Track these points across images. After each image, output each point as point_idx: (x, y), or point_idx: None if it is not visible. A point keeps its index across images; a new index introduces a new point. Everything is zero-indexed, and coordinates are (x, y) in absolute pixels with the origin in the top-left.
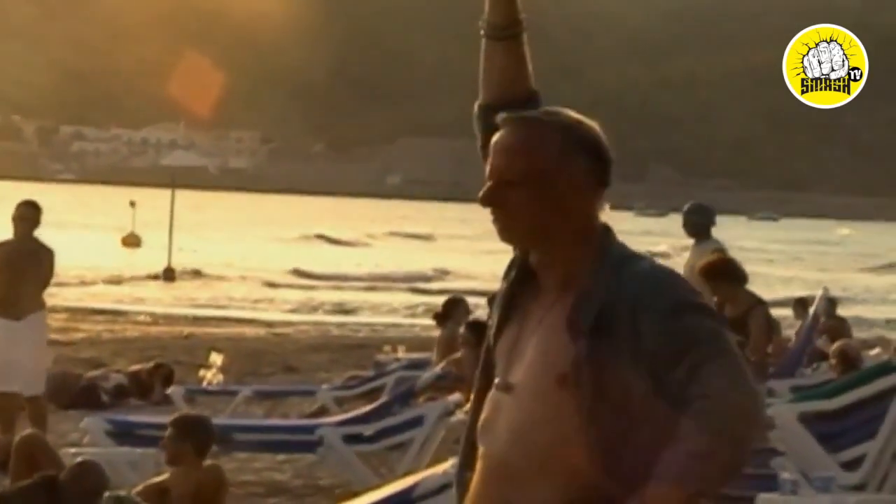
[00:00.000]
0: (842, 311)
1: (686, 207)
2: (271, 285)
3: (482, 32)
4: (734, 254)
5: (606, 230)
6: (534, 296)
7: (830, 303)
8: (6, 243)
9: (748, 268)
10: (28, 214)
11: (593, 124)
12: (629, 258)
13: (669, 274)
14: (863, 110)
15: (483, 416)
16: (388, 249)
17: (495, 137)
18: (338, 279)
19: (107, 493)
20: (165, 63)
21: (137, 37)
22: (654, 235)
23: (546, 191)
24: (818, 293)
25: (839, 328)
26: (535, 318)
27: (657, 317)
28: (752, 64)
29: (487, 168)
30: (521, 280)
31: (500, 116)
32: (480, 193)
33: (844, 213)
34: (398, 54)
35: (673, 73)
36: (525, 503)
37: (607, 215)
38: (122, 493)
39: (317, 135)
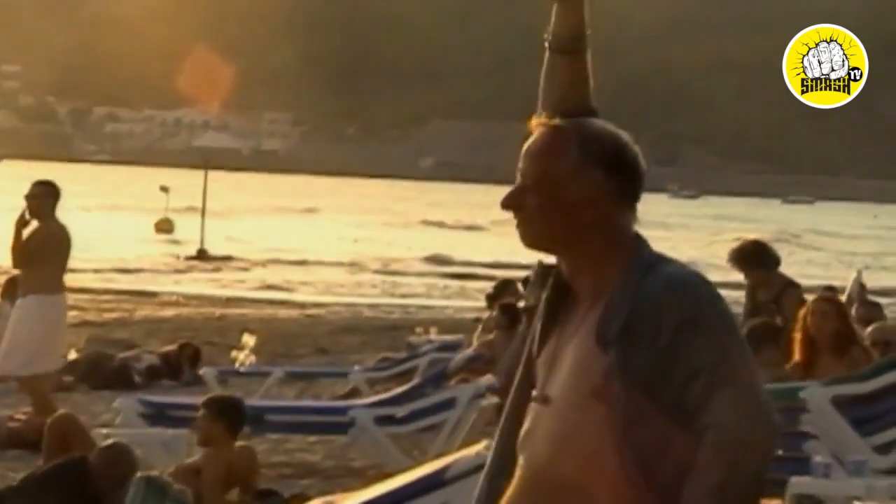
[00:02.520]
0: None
1: None
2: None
3: (546, 45)
4: (769, 237)
5: (638, 239)
6: (571, 306)
7: (862, 288)
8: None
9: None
10: (38, 192)
11: (622, 137)
12: (656, 262)
13: (692, 281)
14: None
15: (524, 427)
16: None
17: (527, 142)
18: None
19: (138, 474)
20: (198, 44)
21: (171, 17)
22: (689, 218)
23: (556, 198)
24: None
25: (872, 313)
26: (570, 329)
27: (673, 329)
28: (785, 48)
29: (517, 173)
30: (559, 290)
31: (537, 121)
32: (503, 198)
33: (878, 197)
34: (430, 36)
35: (706, 57)
36: None
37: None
38: (154, 473)
39: (349, 117)
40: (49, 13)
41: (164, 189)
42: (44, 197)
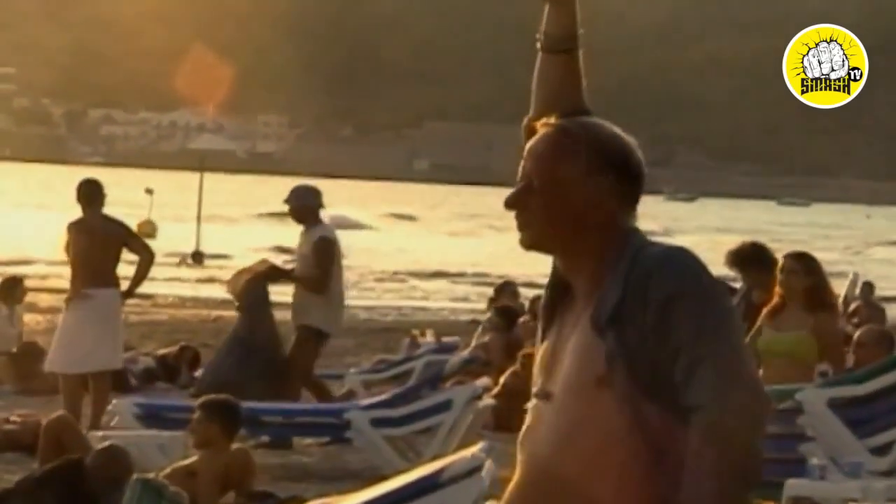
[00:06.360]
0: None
1: (290, 192)
2: None
3: (538, 45)
4: (764, 238)
5: (633, 231)
6: (570, 304)
7: (868, 288)
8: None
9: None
10: (81, 190)
11: (629, 140)
12: (644, 246)
13: (676, 257)
14: (891, 95)
15: (525, 425)
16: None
17: (531, 141)
18: None
19: (134, 476)
20: (194, 46)
21: (166, 20)
22: (682, 221)
23: (563, 201)
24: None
25: (872, 316)
26: (568, 327)
27: (657, 308)
28: (780, 49)
29: (519, 171)
30: (558, 289)
31: (543, 121)
32: (506, 197)
33: (872, 199)
34: (425, 38)
35: (701, 58)
36: None
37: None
38: (150, 475)
39: (344, 119)
40: (45, 15)
41: (149, 191)
42: (86, 197)
